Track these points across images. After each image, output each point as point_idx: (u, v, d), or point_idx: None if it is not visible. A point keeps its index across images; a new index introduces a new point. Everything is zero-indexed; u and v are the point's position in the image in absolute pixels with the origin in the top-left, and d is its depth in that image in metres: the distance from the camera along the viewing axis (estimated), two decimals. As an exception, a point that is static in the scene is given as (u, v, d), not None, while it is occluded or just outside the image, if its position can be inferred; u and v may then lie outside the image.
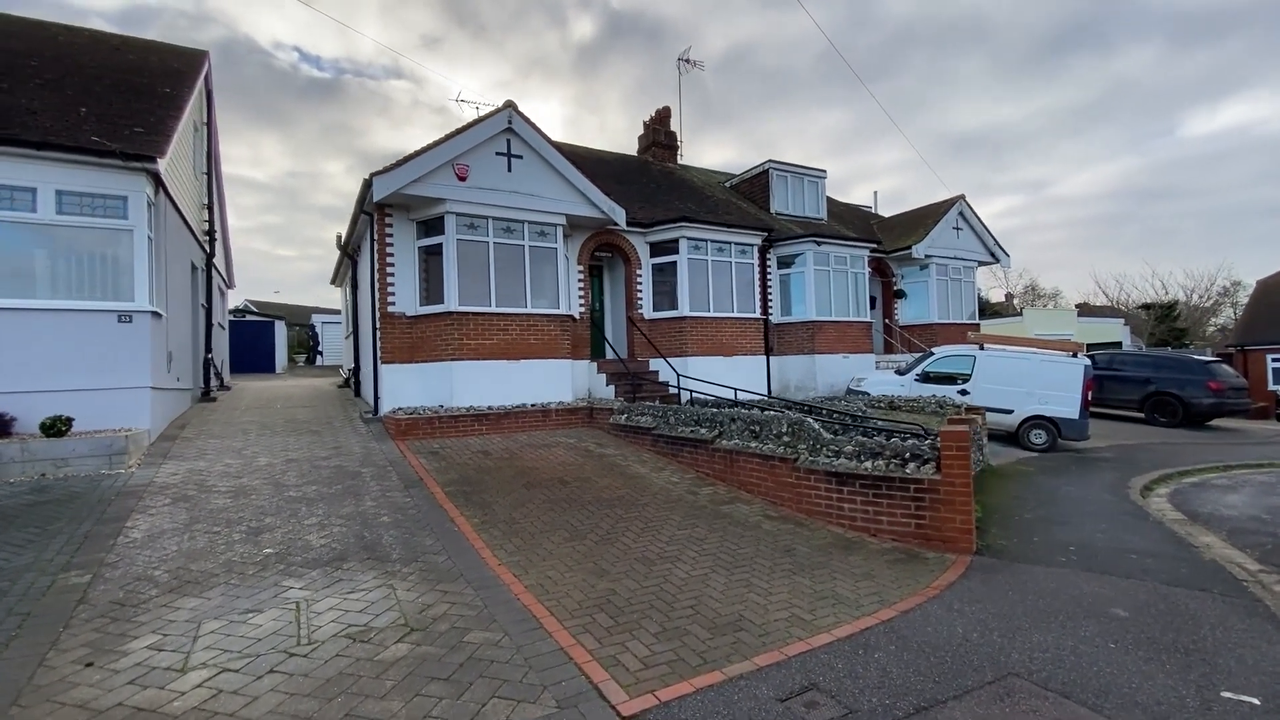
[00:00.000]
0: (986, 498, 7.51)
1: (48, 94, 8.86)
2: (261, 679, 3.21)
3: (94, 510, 5.71)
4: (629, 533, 5.60)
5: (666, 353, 12.55)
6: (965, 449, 5.29)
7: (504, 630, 3.72)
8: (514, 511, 6.11)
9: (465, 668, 3.30)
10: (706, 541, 5.42)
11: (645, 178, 16.25)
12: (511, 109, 10.46)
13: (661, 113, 18.87)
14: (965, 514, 5.28)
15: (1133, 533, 6.04)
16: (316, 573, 4.58)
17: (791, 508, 6.41)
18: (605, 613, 4.00)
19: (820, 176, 17.66)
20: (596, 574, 4.65)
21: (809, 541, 5.51)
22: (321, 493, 6.49)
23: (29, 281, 7.56)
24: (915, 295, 17.12)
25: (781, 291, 14.84)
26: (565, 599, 4.20)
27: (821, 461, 6.15)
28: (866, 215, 20.42)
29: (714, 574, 4.68)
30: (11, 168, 7.38)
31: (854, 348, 14.84)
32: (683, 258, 12.56)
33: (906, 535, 5.53)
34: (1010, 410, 11.40)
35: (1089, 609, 4.15)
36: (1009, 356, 11.65)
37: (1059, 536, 5.89)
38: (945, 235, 16.94)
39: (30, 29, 10.99)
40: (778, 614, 4.01)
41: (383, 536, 5.34)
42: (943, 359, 12.28)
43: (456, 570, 4.67)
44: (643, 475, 7.62)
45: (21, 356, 7.30)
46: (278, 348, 23.96)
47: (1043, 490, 8.02)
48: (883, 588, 4.49)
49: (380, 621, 3.83)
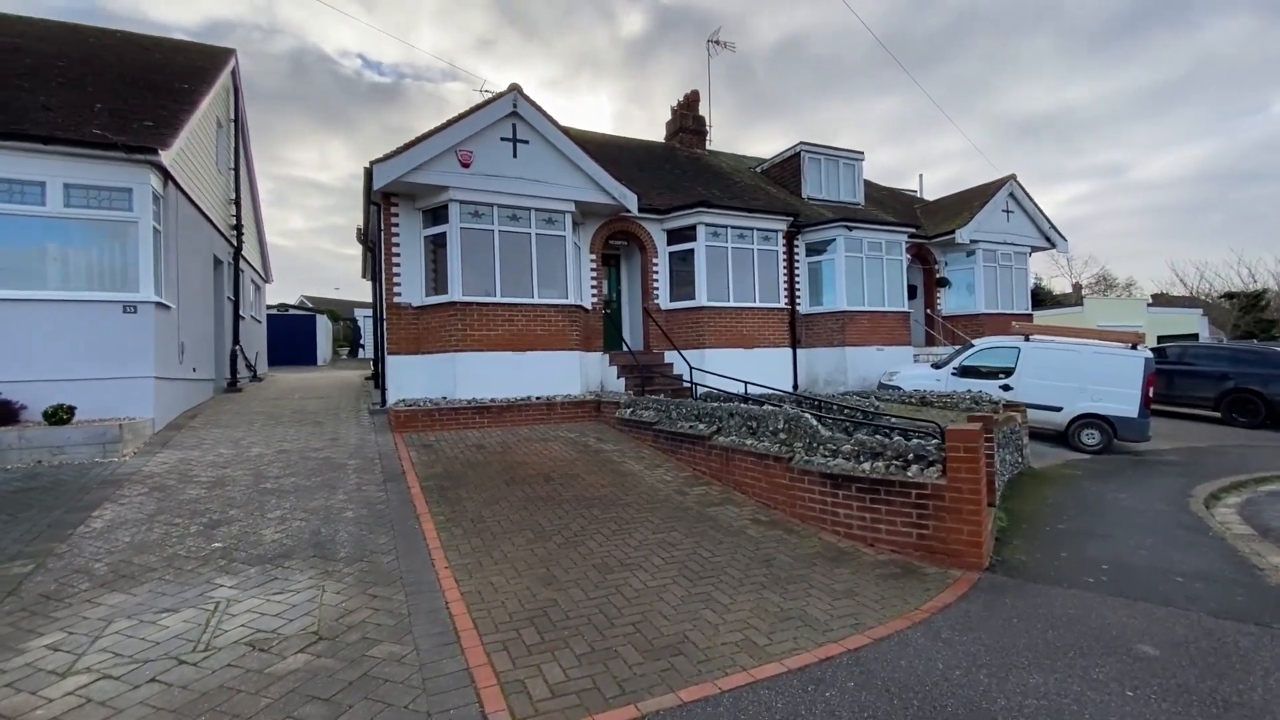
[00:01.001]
0: (1017, 504, 6.73)
1: (67, 91, 9.10)
2: (138, 689, 2.96)
3: (71, 498, 5.72)
4: (598, 535, 5.18)
5: (683, 345, 12.03)
6: (975, 451, 4.61)
7: (415, 644, 3.37)
8: (486, 509, 5.78)
9: (353, 687, 2.96)
10: (678, 547, 4.94)
11: (670, 164, 15.72)
12: (516, 92, 10.15)
13: (690, 97, 18.26)
14: (974, 524, 4.61)
15: (1184, 549, 5.20)
16: (255, 570, 4.36)
17: (785, 511, 5.84)
18: (536, 627, 3.59)
19: (856, 159, 16.68)
20: (544, 581, 4.25)
21: (794, 551, 4.95)
22: (298, 485, 6.34)
23: (40, 273, 7.72)
24: (960, 283, 15.94)
25: (810, 280, 14.05)
26: (499, 609, 3.82)
27: (817, 461, 5.56)
28: (910, 200, 19.22)
29: (673, 585, 4.20)
30: (20, 162, 7.55)
31: (889, 339, 13.92)
32: (700, 245, 11.99)
33: (907, 546, 4.89)
34: (1059, 407, 10.37)
35: (1109, 644, 3.47)
36: (1058, 348, 10.58)
37: (1092, 552, 5.12)
38: (994, 218, 15.68)
39: (63, 32, 11.41)
40: (729, 636, 3.51)
41: (339, 533, 5.10)
42: (983, 351, 11.29)
43: (398, 572, 4.37)
44: (635, 473, 7.18)
45: (31, 346, 7.47)
46: (319, 341, 24.64)
47: (1085, 497, 7.14)
48: (863, 608, 3.91)
49: (292, 628, 3.54)
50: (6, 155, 7.46)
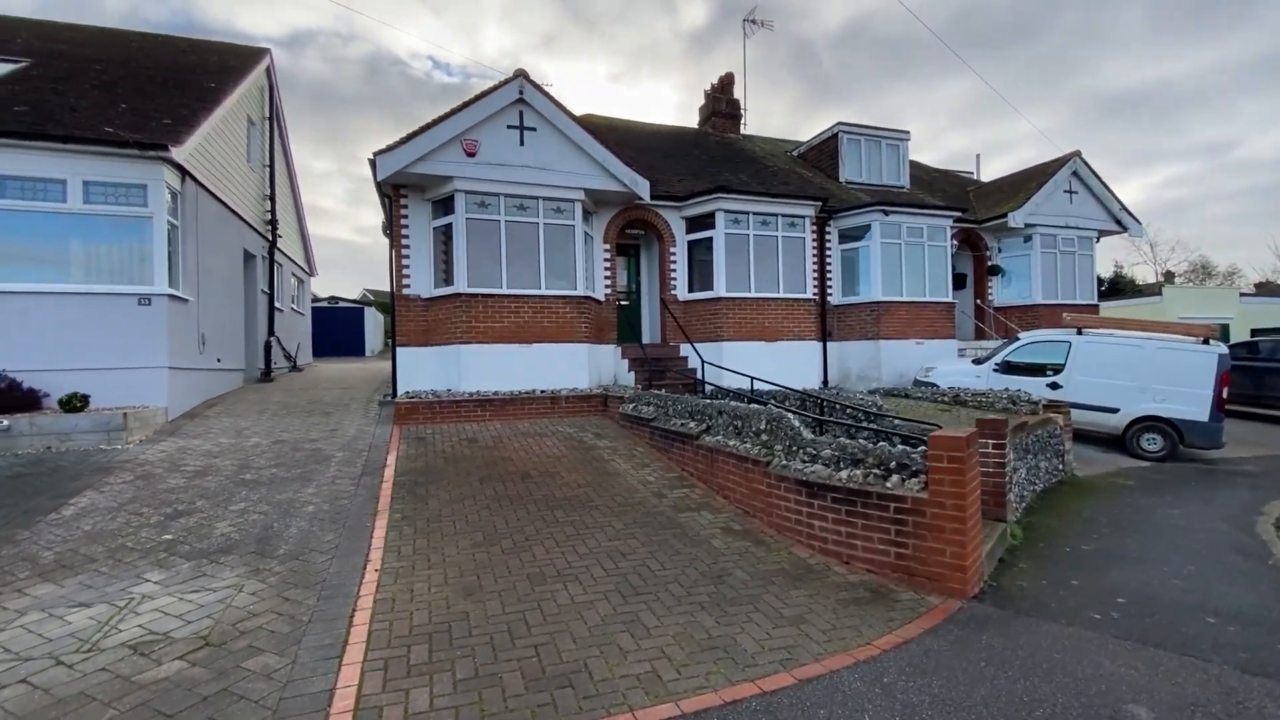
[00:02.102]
0: (1044, 518, 5.97)
1: (97, 93, 9.52)
2: (3, 689, 2.87)
3: (59, 484, 5.90)
4: (549, 541, 4.87)
5: (701, 337, 11.53)
6: (961, 460, 4.00)
7: (295, 658, 3.16)
8: (448, 508, 5.58)
9: (206, 704, 2.76)
10: (629, 557, 4.56)
11: (699, 150, 15.15)
12: (522, 78, 9.90)
13: (724, 80, 17.57)
14: (958, 544, 4.00)
15: (1231, 581, 4.40)
16: (188, 565, 4.30)
17: (762, 520, 5.35)
18: (431, 644, 3.32)
19: (900, 139, 15.57)
20: (467, 591, 3.97)
21: (756, 566, 4.48)
22: (276, 476, 6.34)
23: (63, 267, 8.09)
24: (1015, 271, 14.63)
25: (844, 269, 13.21)
26: (403, 621, 3.57)
27: (794, 467, 5.04)
28: (964, 182, 17.84)
29: (602, 602, 3.84)
30: (42, 161, 7.90)
31: (930, 332, 12.92)
32: (719, 232, 11.43)
33: (884, 567, 4.33)
34: (1115, 408, 9.29)
35: (1089, 704, 2.86)
36: (1115, 343, 9.47)
37: (1112, 580, 4.40)
38: (1054, 200, 14.27)
39: (105, 37, 12.00)
40: (634, 667, 3.12)
41: (290, 528, 5.00)
42: (1029, 346, 10.25)
43: (324, 573, 4.20)
44: (619, 472, 6.83)
45: (53, 337, 7.83)
46: (368, 333, 25.46)
47: (1128, 512, 6.27)
48: (804, 640, 3.42)
49: (185, 631, 3.41)
50: (29, 155, 7.82)
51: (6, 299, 7.72)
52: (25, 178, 7.90)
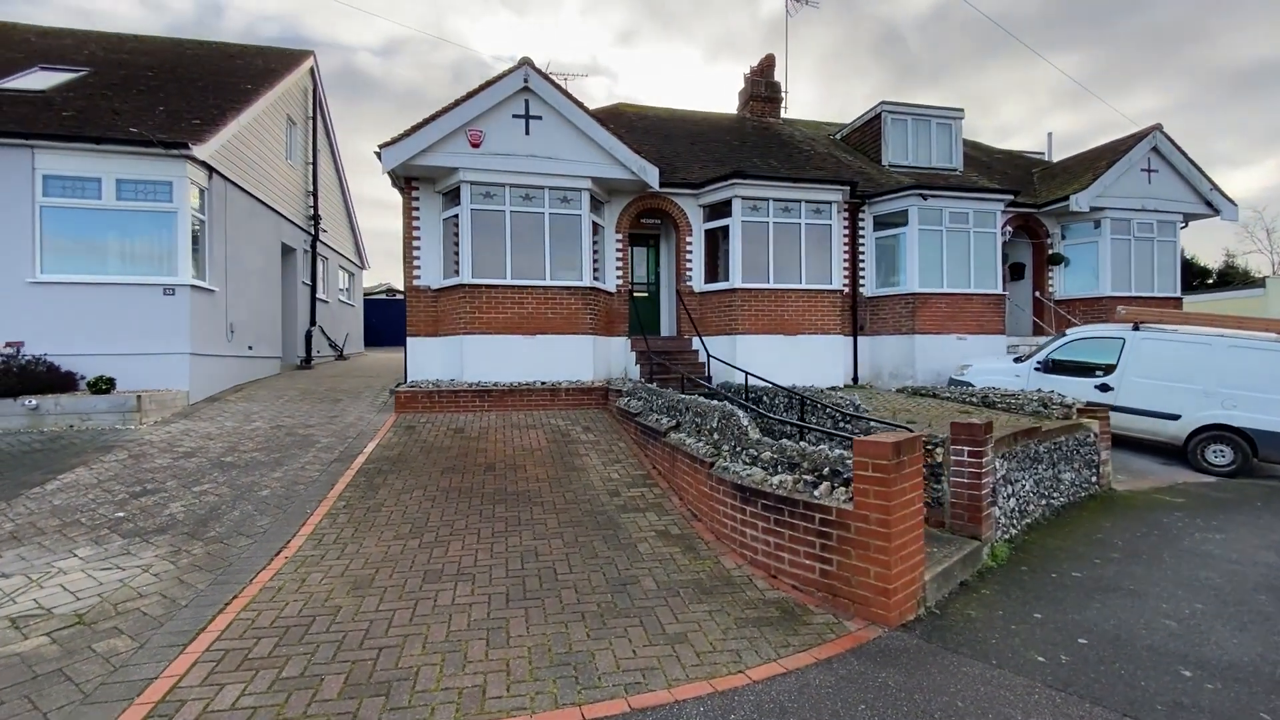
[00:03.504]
0: (1047, 536, 5.28)
1: (143, 97, 10.22)
2: (-124, 656, 3.03)
3: (59, 460, 6.35)
4: (472, 536, 4.73)
5: (715, 330, 11.08)
6: (886, 470, 3.51)
7: (146, 641, 3.16)
8: (395, 497, 5.56)
9: (33, 683, 2.80)
10: (542, 559, 4.34)
11: (731, 135, 14.57)
12: (528, 66, 9.79)
13: (765, 62, 16.82)
14: (882, 565, 3.52)
15: (1241, 627, 3.65)
16: (121, 543, 4.46)
17: (705, 524, 4.99)
18: (281, 638, 3.23)
19: (952, 117, 14.34)
20: (355, 585, 3.88)
21: (672, 575, 4.15)
22: (254, 460, 6.56)
23: (99, 259, 8.74)
24: (1080, 261, 13.14)
25: (879, 258, 12.34)
26: (273, 611, 3.52)
27: (733, 469, 4.64)
28: (1030, 163, 16.24)
29: (482, 606, 3.64)
30: (81, 161, 8.55)
31: (974, 327, 11.85)
32: (735, 220, 10.91)
33: (809, 584, 3.89)
34: (1175, 415, 8.14)
35: (966, 766, 2.39)
36: (1179, 340, 8.28)
37: (1088, 616, 3.76)
38: (1128, 180, 12.68)
39: (162, 46, 12.89)
40: (466, 680, 2.90)
41: (235, 511, 5.12)
42: (1076, 343, 9.16)
43: (235, 558, 4.24)
44: (586, 467, 6.60)
45: (89, 324, 8.47)
46: (423, 323, 26.38)
47: (1155, 535, 5.42)
48: (669, 663, 3.08)
49: (70, 607, 3.50)
50: (69, 155, 8.48)
51: (51, 289, 8.42)
52: (67, 177, 8.58)
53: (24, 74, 10.44)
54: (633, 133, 13.64)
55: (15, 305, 8.33)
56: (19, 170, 8.38)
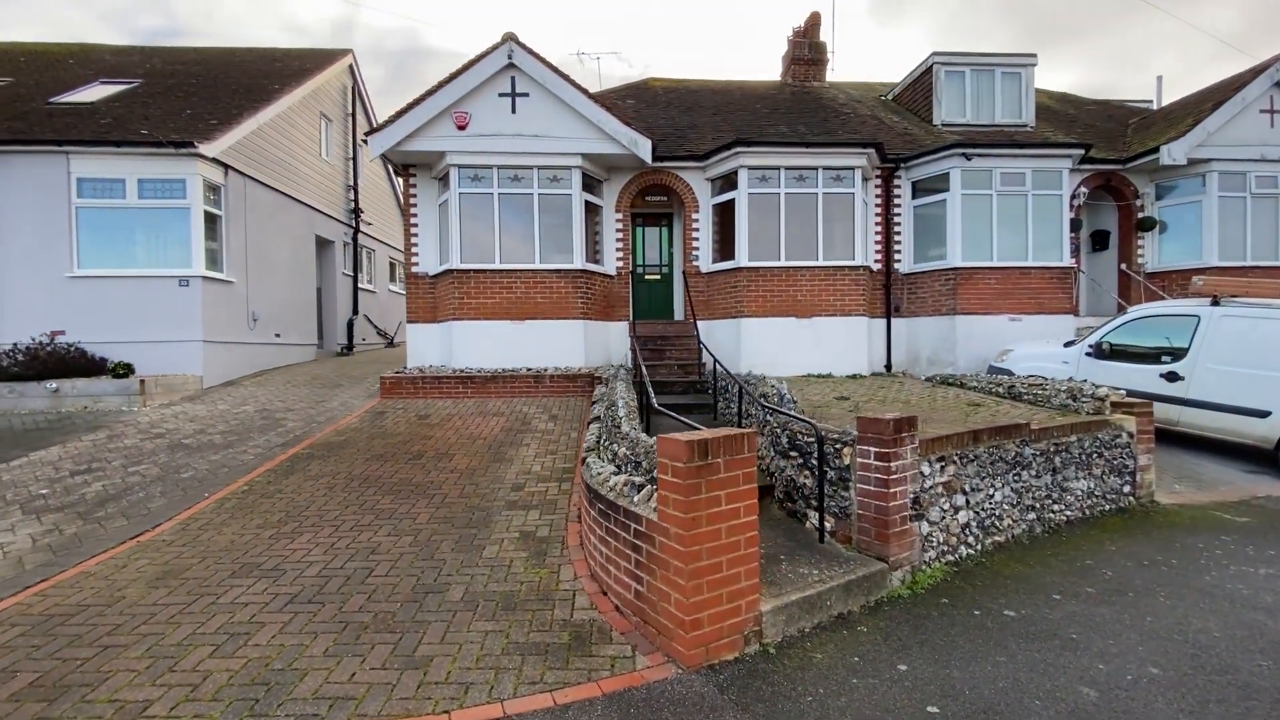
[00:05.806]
0: (1011, 560, 4.32)
1: (176, 102, 10.98)
2: None
3: (48, 438, 6.89)
4: (330, 528, 4.51)
5: (722, 314, 10.28)
6: (684, 474, 2.83)
7: (-91, 623, 3.17)
8: (299, 484, 5.48)
9: None
10: (373, 557, 4.03)
11: (763, 103, 13.49)
12: (511, 41, 9.45)
13: (810, 21, 15.47)
14: (680, 590, 2.85)
15: (1191, 710, 2.63)
16: (18, 519, 4.66)
17: (577, 526, 4.45)
18: (27, 629, 3.13)
19: (1021, 65, 12.35)
20: (165, 575, 3.76)
21: (492, 585, 3.67)
22: (211, 442, 6.78)
23: (124, 253, 9.50)
24: (1180, 225, 10.88)
25: (917, 229, 10.90)
26: (55, 599, 3.45)
27: (593, 467, 4.07)
28: (1130, 113, 13.72)
29: (253, 608, 3.37)
30: (108, 164, 9.29)
31: (1031, 306, 10.18)
32: (741, 192, 9.99)
33: (628, 605, 3.28)
34: (1265, 411, 6.47)
35: None
36: (1271, 318, 6.54)
37: (964, 674, 2.87)
38: (1241, 124, 10.27)
39: (215, 56, 13.82)
40: (140, 693, 2.62)
41: (142, 493, 5.26)
42: (1136, 323, 7.52)
43: (91, 538, 4.29)
44: (514, 459, 6.21)
45: (114, 313, 9.24)
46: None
47: (1171, 567, 4.22)
48: (376, 694, 2.64)
49: (-104, 583, 3.63)
50: (97, 159, 9.24)
51: (85, 283, 9.25)
52: (97, 179, 9.35)
53: (85, 88, 11.54)
54: (653, 106, 12.99)
55: (57, 297, 9.21)
56: (57, 175, 9.22)
